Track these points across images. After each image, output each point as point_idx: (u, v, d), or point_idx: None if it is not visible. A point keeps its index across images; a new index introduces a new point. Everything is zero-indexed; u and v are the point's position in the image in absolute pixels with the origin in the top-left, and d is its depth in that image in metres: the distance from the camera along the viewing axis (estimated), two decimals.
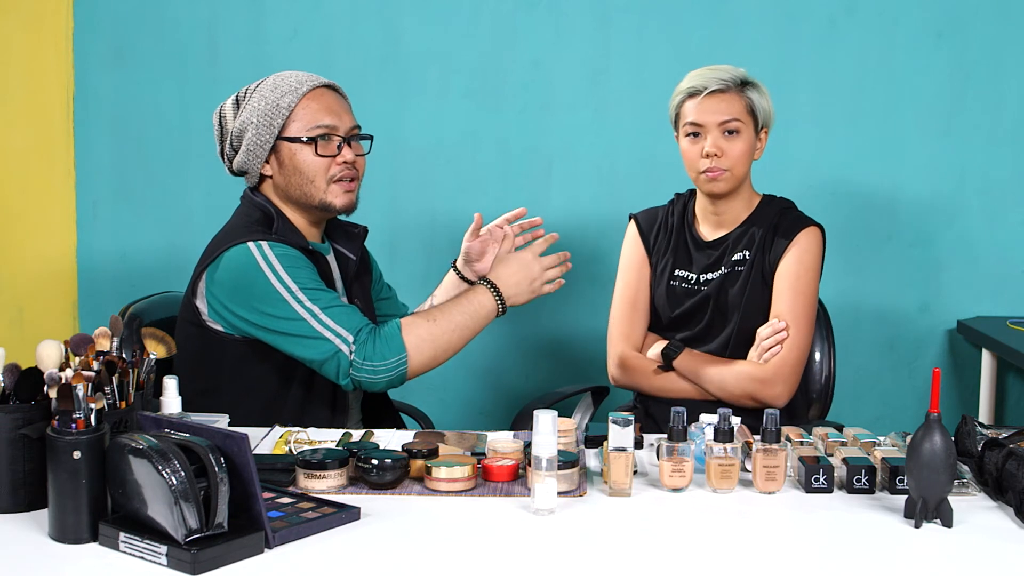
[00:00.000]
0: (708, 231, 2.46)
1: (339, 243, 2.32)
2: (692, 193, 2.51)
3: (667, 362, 2.38)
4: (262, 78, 2.21)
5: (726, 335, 2.40)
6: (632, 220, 2.55)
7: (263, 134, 2.15)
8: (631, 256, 2.51)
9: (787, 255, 2.36)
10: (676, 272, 2.47)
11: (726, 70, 2.36)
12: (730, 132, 2.32)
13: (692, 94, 2.35)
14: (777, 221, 2.41)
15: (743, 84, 2.35)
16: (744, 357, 2.36)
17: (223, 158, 2.26)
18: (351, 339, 2.03)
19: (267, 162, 2.18)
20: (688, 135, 2.35)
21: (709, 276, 2.42)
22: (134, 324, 2.33)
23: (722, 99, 2.33)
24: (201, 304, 2.14)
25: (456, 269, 2.37)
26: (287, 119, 2.15)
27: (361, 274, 2.37)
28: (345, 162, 2.17)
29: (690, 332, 2.43)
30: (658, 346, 2.43)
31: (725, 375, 2.33)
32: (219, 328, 2.13)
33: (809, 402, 2.61)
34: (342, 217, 2.28)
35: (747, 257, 2.40)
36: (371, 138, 2.25)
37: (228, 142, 2.20)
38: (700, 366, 2.36)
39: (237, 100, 2.21)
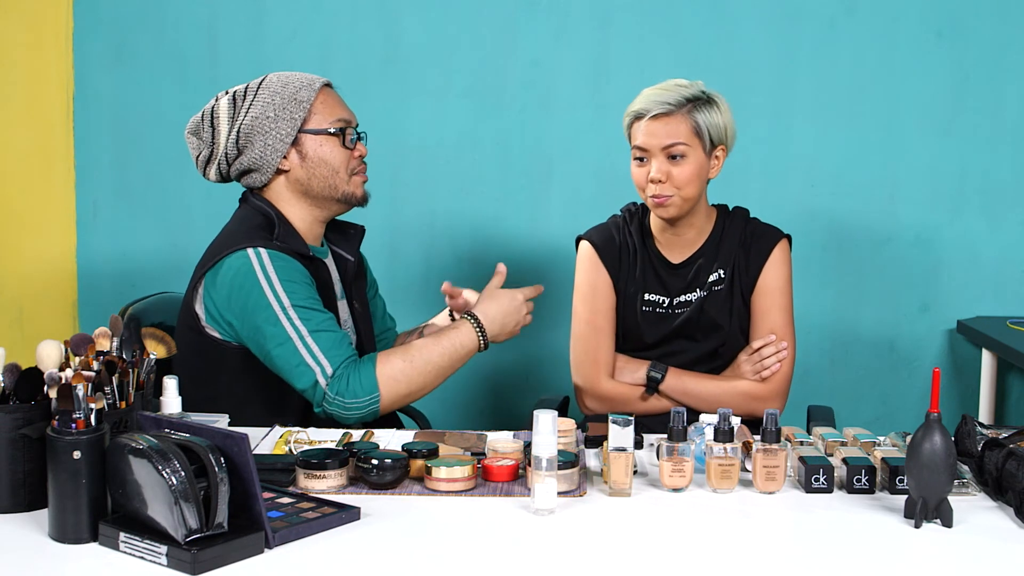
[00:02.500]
0: (672, 253, 2.40)
1: (337, 244, 2.32)
2: (644, 211, 2.45)
3: (653, 386, 2.35)
4: (253, 80, 2.21)
5: (705, 354, 2.39)
6: (584, 242, 2.45)
7: (283, 128, 2.15)
8: (593, 280, 2.41)
9: (767, 271, 2.36)
10: (647, 296, 2.41)
11: (674, 90, 2.27)
12: (674, 157, 2.26)
13: (638, 116, 2.29)
14: (745, 235, 2.39)
15: (692, 103, 2.26)
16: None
17: (208, 164, 2.23)
18: (331, 372, 2.01)
19: (285, 157, 2.18)
20: (635, 159, 2.30)
21: (683, 298, 2.39)
22: (132, 324, 2.33)
23: (666, 122, 2.25)
24: (199, 309, 2.13)
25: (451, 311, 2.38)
26: (308, 112, 2.17)
27: (358, 276, 2.37)
28: (361, 155, 2.23)
29: (665, 353, 2.40)
30: (635, 369, 2.38)
31: (722, 396, 2.31)
32: (216, 335, 2.12)
33: None
34: (340, 217, 2.29)
35: (723, 276, 2.37)
36: (365, 136, 2.28)
37: (229, 142, 2.18)
38: (690, 386, 2.34)
39: (234, 100, 2.19)
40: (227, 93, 2.21)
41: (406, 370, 2.04)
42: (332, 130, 2.18)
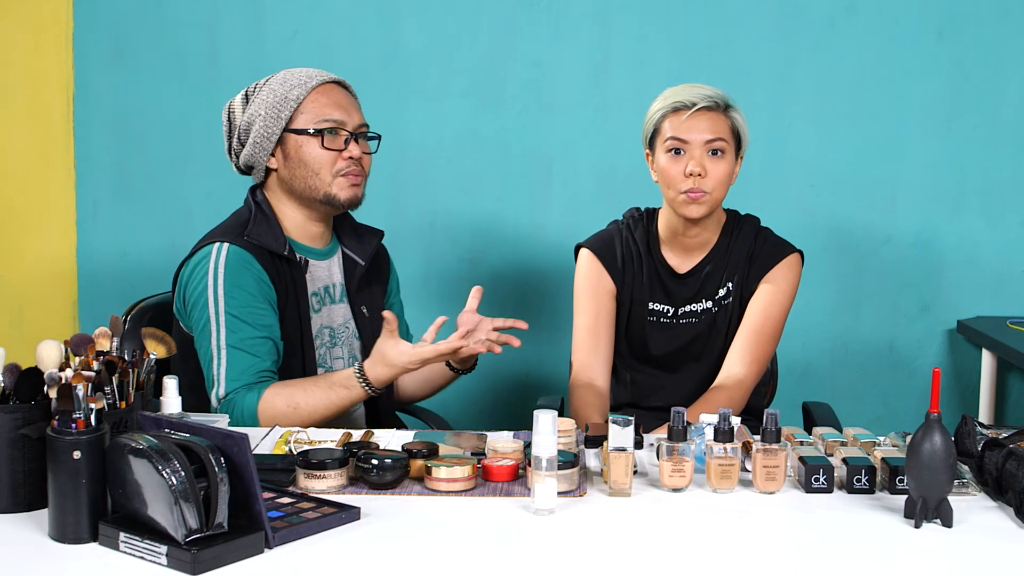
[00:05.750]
0: (678, 260, 2.37)
1: (349, 246, 2.30)
2: (650, 215, 2.42)
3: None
4: (272, 74, 2.23)
5: (709, 369, 2.36)
6: (584, 250, 2.41)
7: (270, 126, 2.16)
8: (595, 286, 2.37)
9: (765, 283, 2.33)
10: (652, 306, 2.38)
11: (711, 89, 2.28)
12: (715, 152, 2.24)
13: (677, 109, 2.25)
14: (753, 247, 2.36)
15: (728, 105, 2.28)
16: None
17: (230, 155, 2.26)
18: (222, 394, 2.07)
19: (272, 155, 2.19)
20: (670, 151, 2.26)
21: (689, 308, 2.37)
22: (144, 320, 2.34)
23: (709, 117, 2.25)
24: (175, 300, 2.20)
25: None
26: (295, 111, 2.16)
27: (372, 282, 2.34)
28: (351, 157, 2.18)
29: (674, 375, 2.38)
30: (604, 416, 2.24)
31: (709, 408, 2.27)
32: (182, 325, 2.18)
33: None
34: (360, 219, 2.29)
35: (731, 290, 2.35)
36: (379, 138, 2.26)
37: (236, 137, 2.22)
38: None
39: (246, 95, 2.22)
40: (247, 87, 2.24)
41: (288, 415, 2.06)
42: (312, 130, 2.15)
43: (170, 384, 1.82)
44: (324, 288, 2.26)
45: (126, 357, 1.73)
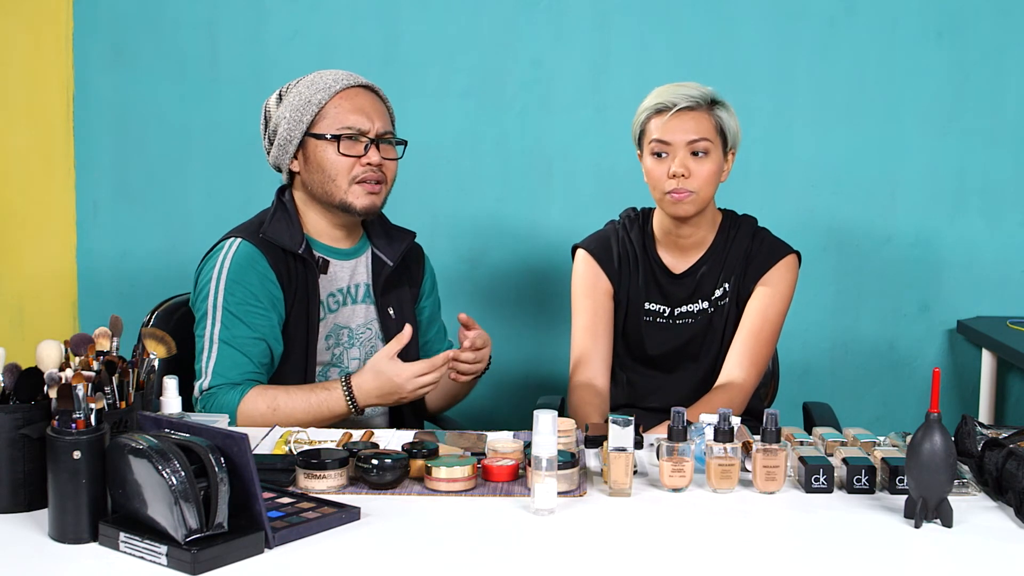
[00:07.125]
0: (674, 260, 2.37)
1: (379, 247, 2.29)
2: (645, 216, 2.42)
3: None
4: (306, 74, 2.23)
5: (706, 370, 2.35)
6: (581, 251, 2.41)
7: (293, 129, 2.17)
8: (593, 288, 2.37)
9: (762, 285, 2.32)
10: (648, 306, 2.38)
11: (695, 87, 2.26)
12: (697, 153, 2.23)
13: (660, 111, 2.24)
14: (751, 247, 2.35)
15: (712, 103, 2.26)
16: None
17: (268, 154, 2.28)
18: (206, 386, 2.08)
19: (295, 158, 2.19)
20: (654, 153, 2.25)
21: (685, 308, 2.36)
22: (173, 318, 2.35)
23: (691, 117, 2.23)
24: (191, 294, 2.22)
25: None
26: (316, 115, 2.16)
27: (401, 283, 2.32)
28: (370, 164, 2.16)
29: (671, 375, 2.38)
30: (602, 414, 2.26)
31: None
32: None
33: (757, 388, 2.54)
34: (393, 220, 2.32)
35: (728, 290, 2.34)
36: (404, 143, 2.24)
37: (267, 136, 2.24)
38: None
39: (280, 95, 2.22)
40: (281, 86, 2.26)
41: (266, 415, 2.06)
42: (329, 136, 2.15)
43: (170, 384, 1.82)
44: (344, 289, 2.25)
45: (126, 357, 1.73)
